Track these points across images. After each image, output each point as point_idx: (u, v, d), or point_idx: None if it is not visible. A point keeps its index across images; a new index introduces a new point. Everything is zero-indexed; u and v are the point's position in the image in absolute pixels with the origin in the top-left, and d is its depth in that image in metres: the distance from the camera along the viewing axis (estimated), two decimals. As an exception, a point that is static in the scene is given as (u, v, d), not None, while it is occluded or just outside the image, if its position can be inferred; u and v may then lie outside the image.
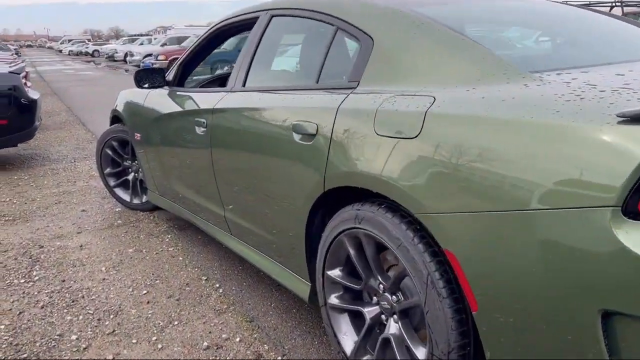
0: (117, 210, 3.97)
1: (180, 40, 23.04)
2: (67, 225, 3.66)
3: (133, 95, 3.58)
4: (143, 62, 22.01)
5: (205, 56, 3.20)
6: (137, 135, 3.39)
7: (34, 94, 5.46)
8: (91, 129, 7.75)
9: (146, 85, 3.06)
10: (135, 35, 46.87)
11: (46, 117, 8.75)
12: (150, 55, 21.59)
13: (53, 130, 7.72)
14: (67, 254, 3.15)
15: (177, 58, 3.22)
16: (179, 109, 2.83)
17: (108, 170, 3.98)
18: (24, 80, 5.32)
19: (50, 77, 18.34)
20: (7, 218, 3.83)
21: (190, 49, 3.03)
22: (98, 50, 38.17)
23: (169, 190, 3.18)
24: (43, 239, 3.40)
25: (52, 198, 4.33)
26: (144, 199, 3.86)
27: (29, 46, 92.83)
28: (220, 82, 3.30)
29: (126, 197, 3.97)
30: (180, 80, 3.15)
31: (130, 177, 3.91)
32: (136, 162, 3.79)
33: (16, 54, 22.90)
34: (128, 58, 25.54)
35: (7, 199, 4.31)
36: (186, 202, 2.99)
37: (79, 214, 3.90)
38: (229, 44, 6.45)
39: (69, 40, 55.79)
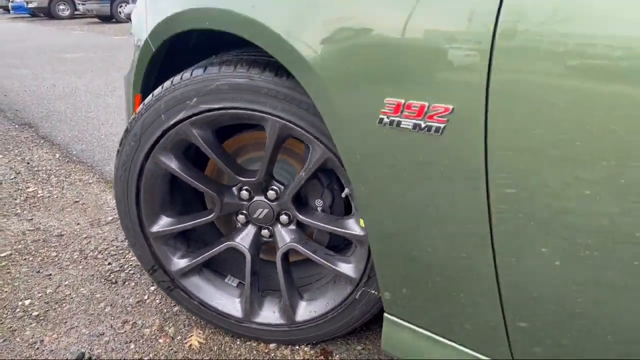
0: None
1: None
2: None
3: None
4: (12, 2, 17.18)
5: None
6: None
7: None
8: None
9: None
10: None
11: None
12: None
13: None
14: None
15: None
16: None
17: (166, 222, 1.19)
18: None
19: None
20: None
21: None
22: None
23: None
24: None
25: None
26: (304, 313, 1.17)
27: None
28: None
29: (230, 302, 1.23)
30: None
31: (248, 235, 1.17)
32: (283, 193, 1.10)
33: None
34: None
35: None
36: None
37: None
38: None
39: None
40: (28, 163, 2.58)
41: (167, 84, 1.07)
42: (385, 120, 0.78)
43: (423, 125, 0.74)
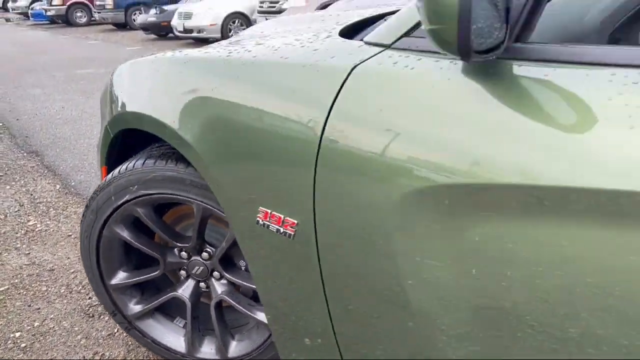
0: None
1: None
2: None
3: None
4: (32, 10, 17.75)
5: None
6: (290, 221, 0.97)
7: None
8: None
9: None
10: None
11: None
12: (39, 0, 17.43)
13: None
14: None
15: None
16: None
17: (122, 276, 1.47)
18: None
19: None
20: None
21: None
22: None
23: None
24: None
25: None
26: (235, 350, 1.44)
27: None
28: None
29: (177, 340, 1.50)
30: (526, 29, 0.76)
31: (188, 287, 1.44)
32: (207, 250, 1.37)
33: None
34: (10, 4, 20.69)
35: None
36: None
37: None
38: None
39: None
40: (31, 194, 2.89)
41: (115, 172, 1.34)
42: (260, 222, 1.03)
43: (282, 230, 1.00)
